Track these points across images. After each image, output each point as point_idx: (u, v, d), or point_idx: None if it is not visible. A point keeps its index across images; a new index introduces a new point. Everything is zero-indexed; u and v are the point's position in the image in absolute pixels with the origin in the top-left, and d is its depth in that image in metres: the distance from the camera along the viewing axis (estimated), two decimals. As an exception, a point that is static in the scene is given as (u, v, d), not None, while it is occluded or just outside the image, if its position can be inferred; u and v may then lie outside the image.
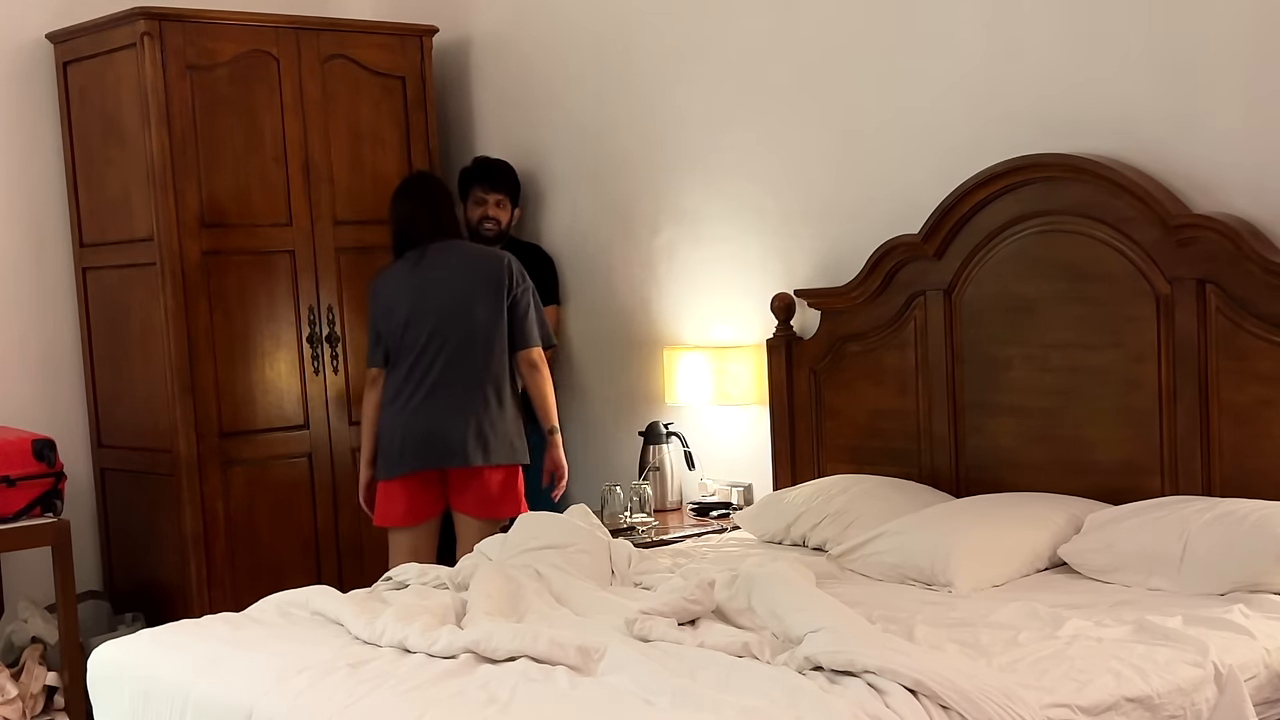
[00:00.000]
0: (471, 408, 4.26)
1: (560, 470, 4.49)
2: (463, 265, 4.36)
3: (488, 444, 4.27)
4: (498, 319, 4.30)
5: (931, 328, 4.12)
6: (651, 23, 4.91)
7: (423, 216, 4.41)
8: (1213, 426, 3.58)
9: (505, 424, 4.31)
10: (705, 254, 4.82)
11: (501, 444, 4.29)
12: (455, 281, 4.33)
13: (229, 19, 4.87)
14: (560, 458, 4.48)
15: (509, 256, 4.43)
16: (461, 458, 4.25)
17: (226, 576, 4.78)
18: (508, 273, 4.34)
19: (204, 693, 2.93)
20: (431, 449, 4.27)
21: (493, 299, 4.31)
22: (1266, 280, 3.45)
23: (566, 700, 2.59)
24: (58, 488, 4.48)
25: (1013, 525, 3.60)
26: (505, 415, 4.31)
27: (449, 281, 4.33)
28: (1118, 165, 3.70)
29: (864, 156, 4.36)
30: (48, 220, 5.05)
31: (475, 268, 4.35)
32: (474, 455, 4.25)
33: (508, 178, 5.17)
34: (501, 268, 4.34)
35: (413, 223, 4.41)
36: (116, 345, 4.96)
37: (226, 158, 4.83)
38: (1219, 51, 3.59)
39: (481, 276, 4.32)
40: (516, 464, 4.35)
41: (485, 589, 3.23)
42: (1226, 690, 2.77)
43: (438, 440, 4.26)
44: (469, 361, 4.28)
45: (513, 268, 4.37)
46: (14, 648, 4.67)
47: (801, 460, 4.44)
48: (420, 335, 4.29)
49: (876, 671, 2.52)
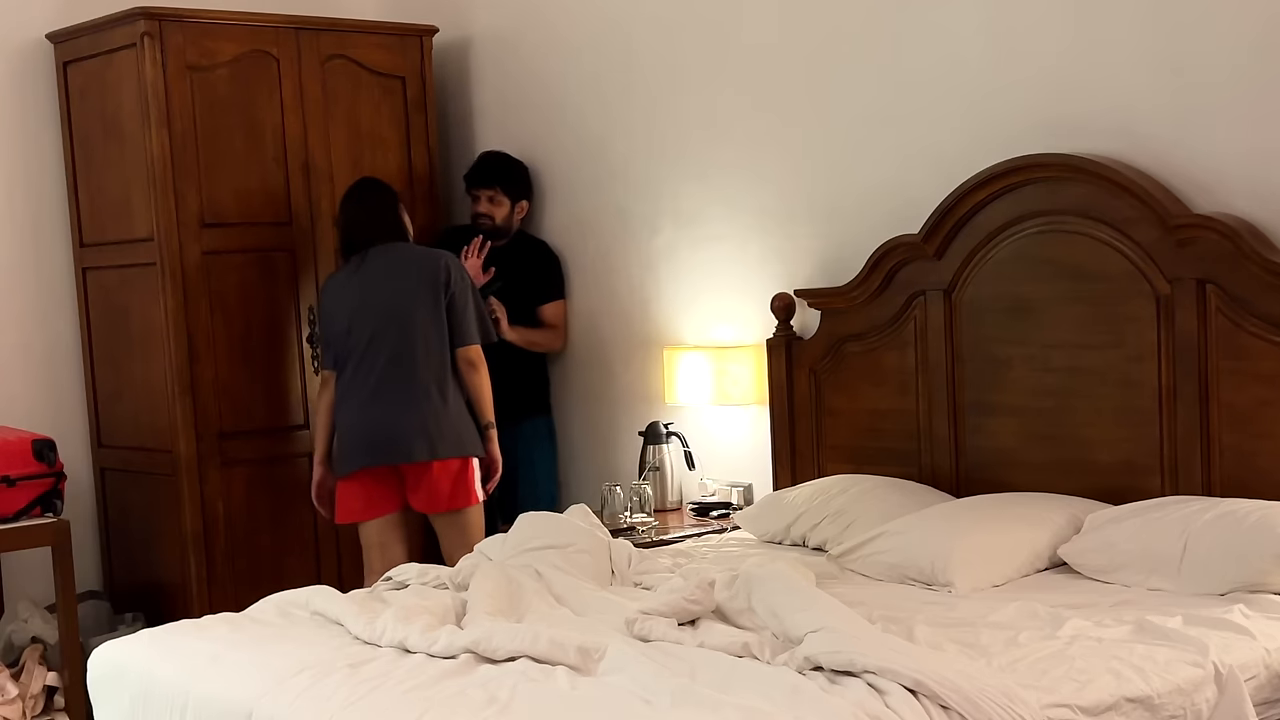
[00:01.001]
0: (415, 405, 4.38)
1: (495, 465, 4.56)
2: (401, 267, 4.47)
3: (433, 439, 4.37)
4: (436, 317, 4.42)
5: (931, 328, 4.12)
6: (652, 23, 4.91)
7: (364, 220, 4.53)
8: (1213, 426, 3.58)
9: (450, 418, 4.41)
10: (705, 254, 4.82)
11: (448, 438, 4.39)
12: (394, 283, 4.44)
13: (229, 19, 4.87)
14: (495, 453, 4.55)
15: (447, 256, 4.53)
16: (407, 454, 4.37)
17: (226, 576, 4.78)
18: (444, 271, 4.45)
19: (204, 693, 2.93)
20: (380, 447, 4.40)
21: (430, 298, 4.42)
22: (1266, 280, 3.45)
23: (566, 700, 2.59)
24: (58, 488, 4.48)
25: (1013, 525, 3.60)
26: (449, 410, 4.42)
27: (388, 284, 4.44)
28: (1118, 165, 3.70)
29: (864, 156, 4.36)
30: (48, 220, 5.05)
31: (413, 269, 4.46)
32: (420, 451, 4.37)
33: (501, 172, 5.16)
34: (438, 267, 4.45)
35: (355, 227, 4.55)
36: (116, 345, 4.96)
37: (226, 158, 4.83)
38: (1219, 52, 3.59)
39: (418, 277, 4.43)
40: (466, 456, 4.43)
41: (485, 589, 3.23)
42: (1226, 690, 2.77)
43: (385, 438, 4.39)
44: (410, 360, 4.40)
45: (449, 267, 4.47)
46: (14, 648, 4.67)
47: (801, 460, 4.44)
48: (363, 337, 4.42)
49: (876, 671, 2.52)
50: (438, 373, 4.41)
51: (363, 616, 3.13)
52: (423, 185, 5.30)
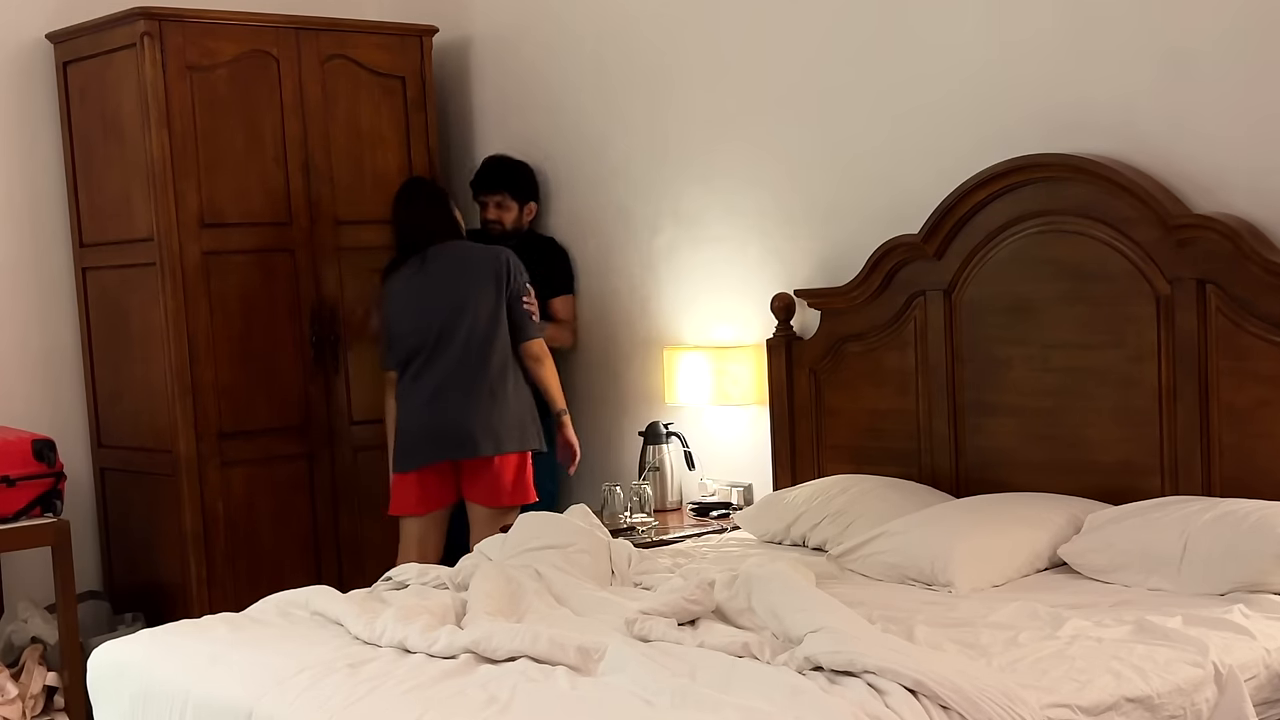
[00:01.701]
0: (477, 401, 4.42)
1: (573, 449, 4.65)
2: (461, 265, 4.50)
3: (496, 434, 4.43)
4: (497, 314, 4.46)
5: (931, 328, 4.11)
6: (652, 22, 4.91)
7: (421, 220, 4.57)
8: (1213, 426, 3.58)
9: (510, 413, 4.46)
10: (705, 254, 4.82)
11: (510, 432, 4.45)
12: (455, 282, 4.47)
13: (229, 19, 4.87)
14: (571, 437, 4.65)
15: (506, 253, 4.56)
16: (471, 449, 4.41)
17: (226, 576, 4.78)
18: (504, 268, 4.49)
19: (204, 693, 2.93)
20: (442, 442, 4.44)
21: (492, 295, 4.46)
22: (1266, 280, 3.45)
23: (566, 700, 2.59)
24: (57, 488, 4.48)
25: (1013, 525, 3.60)
26: (509, 405, 4.46)
27: (449, 282, 4.47)
28: (1118, 165, 3.70)
29: (864, 157, 4.36)
30: (48, 220, 5.05)
31: (473, 267, 4.50)
32: (484, 446, 4.41)
33: (505, 177, 5.17)
34: (499, 264, 4.49)
35: (413, 228, 4.57)
36: (116, 345, 4.96)
37: (226, 158, 4.82)
38: (1219, 52, 3.59)
39: (479, 274, 4.48)
40: (527, 450, 4.50)
41: (485, 589, 3.23)
42: (1226, 690, 2.77)
43: (448, 434, 4.43)
44: (472, 357, 4.44)
45: (509, 263, 4.51)
46: (14, 648, 4.67)
47: (801, 460, 4.44)
48: (427, 337, 4.46)
49: (876, 671, 2.52)
50: (499, 368, 4.46)
51: (363, 616, 3.13)
52: (423, 185, 5.29)
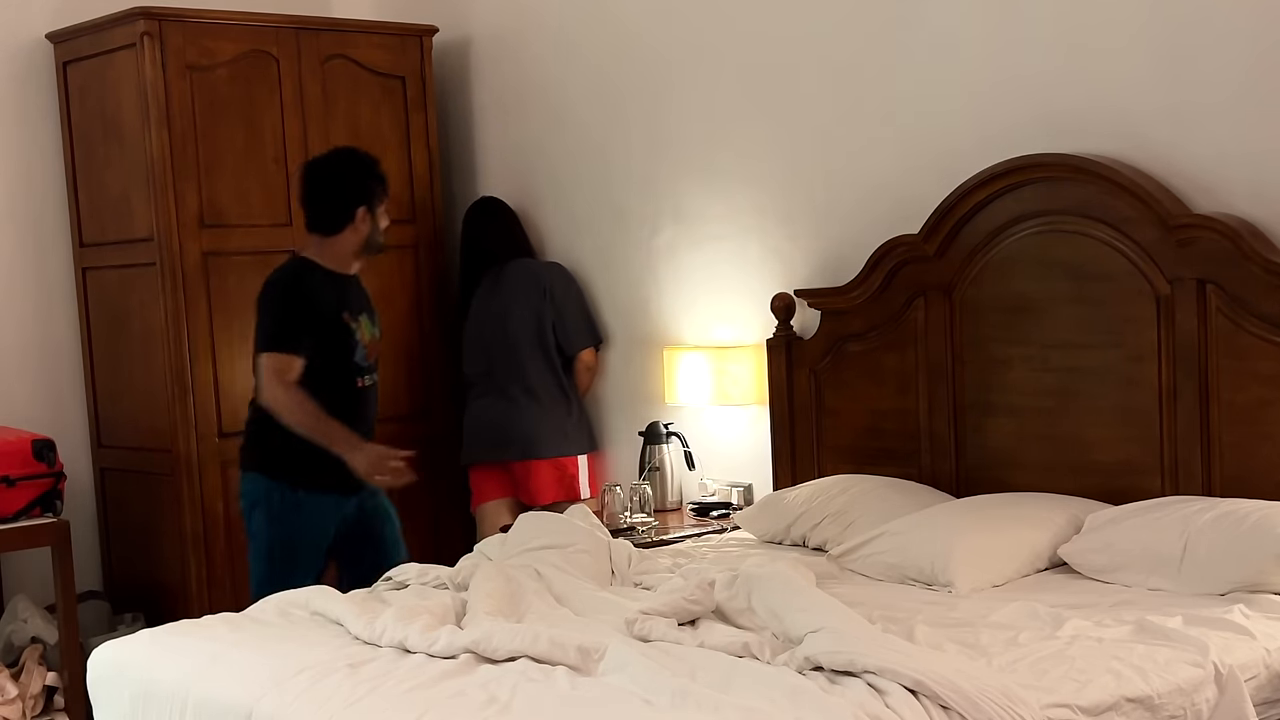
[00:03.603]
0: (526, 408, 4.93)
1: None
2: (515, 284, 5.00)
3: (536, 441, 4.90)
4: (542, 327, 4.95)
5: (931, 328, 4.11)
6: (652, 22, 4.91)
7: (493, 240, 5.09)
8: (1213, 426, 3.57)
9: (553, 420, 4.93)
10: (705, 254, 4.82)
11: (552, 439, 4.91)
12: (511, 299, 4.98)
13: (229, 19, 4.87)
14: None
15: (553, 269, 5.05)
16: (518, 451, 4.91)
17: (226, 576, 4.78)
18: (546, 283, 4.97)
19: (204, 693, 2.93)
20: (495, 444, 4.96)
21: (538, 310, 4.95)
22: (1266, 280, 3.45)
23: (566, 700, 2.59)
24: (57, 488, 4.49)
25: (1013, 525, 3.60)
26: (552, 412, 4.93)
27: (508, 299, 4.98)
28: (1118, 165, 3.70)
29: (864, 156, 4.36)
30: (48, 220, 5.05)
31: (523, 285, 4.98)
32: (529, 450, 4.90)
33: None
34: (543, 281, 4.98)
35: (483, 248, 5.10)
36: (116, 345, 4.96)
37: (226, 158, 4.83)
38: (1219, 52, 3.59)
39: (528, 291, 4.96)
40: (568, 456, 4.94)
41: (485, 589, 3.23)
42: (1226, 690, 2.77)
43: (499, 437, 4.95)
44: (521, 367, 4.94)
45: (552, 279, 4.99)
46: (14, 648, 4.67)
47: (801, 460, 4.44)
48: (491, 349, 4.99)
49: (876, 671, 2.52)
50: (542, 376, 4.94)
51: (363, 617, 3.13)
52: (423, 185, 5.30)
